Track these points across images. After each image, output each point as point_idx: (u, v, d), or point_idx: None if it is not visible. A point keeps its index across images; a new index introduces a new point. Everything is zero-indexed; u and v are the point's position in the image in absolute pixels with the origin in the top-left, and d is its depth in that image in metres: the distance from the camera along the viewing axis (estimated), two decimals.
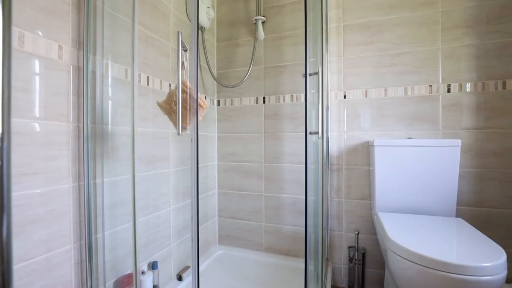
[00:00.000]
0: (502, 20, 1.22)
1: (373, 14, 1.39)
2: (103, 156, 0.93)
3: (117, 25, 0.98)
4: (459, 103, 1.27)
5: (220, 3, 1.71)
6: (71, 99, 0.82)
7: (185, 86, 0.76)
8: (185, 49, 0.76)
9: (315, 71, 1.05)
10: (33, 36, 0.72)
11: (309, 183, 1.16)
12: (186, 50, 0.77)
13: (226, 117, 1.68)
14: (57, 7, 0.78)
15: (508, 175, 1.21)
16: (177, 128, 0.72)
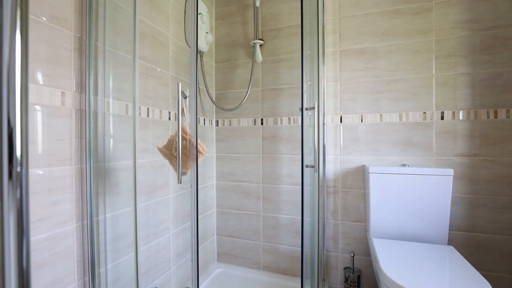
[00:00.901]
0: (494, 51, 1.25)
1: (368, 41, 1.42)
2: (105, 193, 0.95)
3: (118, 62, 1.00)
4: (452, 131, 1.30)
5: (219, 25, 1.73)
6: (74, 143, 0.85)
7: (185, 133, 0.79)
8: (184, 96, 0.79)
9: (312, 106, 1.08)
10: (37, 87, 0.74)
11: (306, 204, 1.20)
12: (186, 97, 0.79)
13: (225, 137, 1.71)
14: (60, 54, 0.81)
15: (499, 201, 1.24)
16: (178, 176, 0.75)
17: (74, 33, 0.85)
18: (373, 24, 1.41)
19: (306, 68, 1.18)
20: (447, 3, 1.31)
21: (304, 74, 1.04)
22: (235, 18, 1.69)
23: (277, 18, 1.59)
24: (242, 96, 1.66)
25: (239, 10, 1.68)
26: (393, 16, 1.38)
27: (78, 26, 0.86)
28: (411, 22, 1.35)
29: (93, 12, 0.90)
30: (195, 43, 0.71)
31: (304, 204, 0.99)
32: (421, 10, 1.34)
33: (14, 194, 0.23)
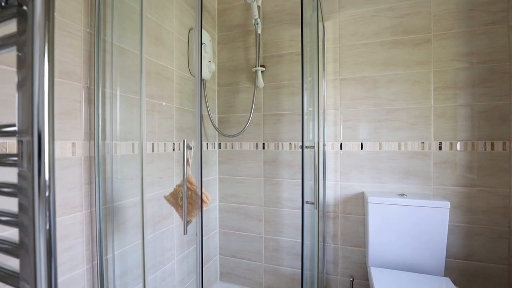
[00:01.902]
0: (491, 84, 1.27)
1: (368, 70, 1.45)
2: (113, 232, 0.99)
3: (126, 104, 1.03)
4: (450, 161, 1.33)
5: (221, 49, 1.76)
6: (83, 189, 0.89)
7: (190, 183, 0.82)
8: (189, 148, 0.83)
9: (311, 145, 1.11)
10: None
11: (306, 228, 1.23)
12: (191, 148, 0.83)
13: (228, 160, 1.74)
14: (71, 106, 0.84)
15: (495, 231, 1.27)
16: (184, 226, 0.78)
17: (83, 83, 0.89)
18: (373, 53, 1.44)
19: (306, 96, 1.21)
20: (446, 35, 1.33)
21: (305, 102, 1.08)
22: (237, 43, 1.72)
23: (278, 45, 1.62)
24: (244, 120, 1.69)
25: (241, 35, 1.71)
26: (392, 46, 1.41)
27: (87, 76, 0.90)
28: (410, 53, 1.38)
29: (101, 60, 0.94)
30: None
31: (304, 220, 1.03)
32: (420, 41, 1.36)
33: (43, 217, 0.26)
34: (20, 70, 0.28)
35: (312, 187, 1.22)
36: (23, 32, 0.29)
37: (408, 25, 1.38)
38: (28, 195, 0.27)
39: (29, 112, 0.26)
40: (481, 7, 1.28)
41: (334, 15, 1.51)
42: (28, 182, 0.27)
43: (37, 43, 0.26)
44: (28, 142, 0.26)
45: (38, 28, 0.28)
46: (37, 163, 0.27)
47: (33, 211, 0.27)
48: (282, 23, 1.61)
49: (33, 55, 0.29)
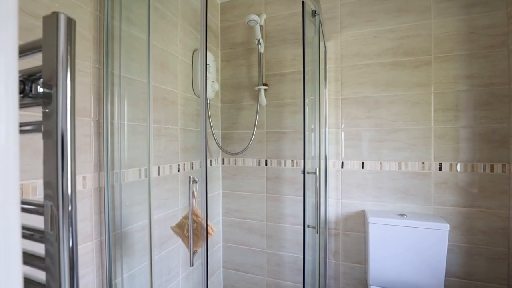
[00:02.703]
0: (491, 107, 1.29)
1: (370, 90, 1.47)
2: (122, 257, 1.03)
3: (133, 132, 1.07)
4: (450, 182, 1.35)
5: (224, 66, 1.79)
6: (94, 219, 0.92)
7: (196, 215, 0.86)
8: (195, 181, 0.86)
9: (313, 171, 1.14)
10: None
11: (307, 244, 1.26)
12: (196, 182, 0.86)
13: (231, 176, 1.78)
14: (81, 141, 0.88)
15: (494, 252, 1.29)
16: (190, 257, 0.82)
17: (93, 118, 0.92)
18: (374, 74, 1.46)
19: (307, 116, 1.23)
20: (446, 57, 1.34)
21: (306, 122, 1.11)
22: (240, 60, 1.74)
23: (281, 64, 1.64)
24: (247, 136, 1.72)
25: (244, 53, 1.73)
26: (393, 67, 1.43)
27: (96, 110, 0.94)
28: (411, 74, 1.40)
29: (109, 93, 0.97)
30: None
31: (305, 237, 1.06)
32: (420, 63, 1.38)
33: (67, 231, 0.31)
34: (45, 127, 0.32)
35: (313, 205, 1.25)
36: (48, 117, 0.33)
37: (408, 47, 1.40)
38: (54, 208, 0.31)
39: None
40: (481, 30, 1.29)
41: (336, 35, 1.53)
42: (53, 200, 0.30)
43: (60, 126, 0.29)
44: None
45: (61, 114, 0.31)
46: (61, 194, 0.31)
47: (57, 225, 0.31)
48: (285, 42, 1.63)
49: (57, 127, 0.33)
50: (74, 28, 0.40)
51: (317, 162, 1.35)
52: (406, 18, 1.40)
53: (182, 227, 0.89)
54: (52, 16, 0.36)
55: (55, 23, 0.37)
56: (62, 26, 0.37)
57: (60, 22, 0.37)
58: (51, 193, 0.33)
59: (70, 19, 0.40)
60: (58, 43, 0.37)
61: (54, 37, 0.37)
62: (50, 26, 0.37)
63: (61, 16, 0.37)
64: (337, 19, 1.53)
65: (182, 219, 0.90)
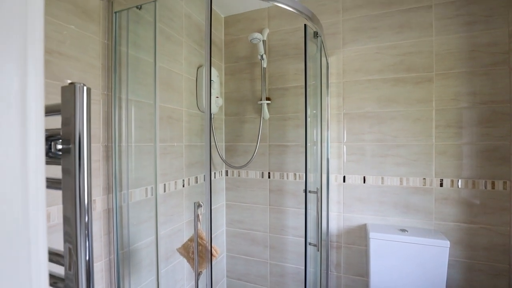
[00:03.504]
0: (492, 124, 1.30)
1: (371, 106, 1.48)
2: (130, 274, 1.07)
3: (140, 153, 1.11)
4: (451, 198, 1.36)
5: (228, 80, 1.82)
6: (103, 240, 0.96)
7: (200, 238, 0.89)
8: (200, 206, 0.89)
9: (315, 190, 1.17)
10: None
11: (309, 259, 1.29)
12: (201, 206, 0.89)
13: (235, 187, 1.81)
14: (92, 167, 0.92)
15: (495, 268, 1.30)
16: (195, 282, 0.85)
17: (102, 143, 0.96)
18: (376, 90, 1.47)
19: (309, 131, 1.26)
20: (447, 74, 1.36)
21: (308, 135, 1.13)
22: (243, 74, 1.77)
23: (284, 78, 1.67)
24: (250, 149, 1.75)
25: (247, 67, 1.76)
26: (395, 84, 1.44)
27: (105, 135, 0.97)
28: (412, 91, 1.41)
29: (117, 118, 1.01)
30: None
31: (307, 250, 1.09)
32: (422, 80, 1.40)
33: (84, 242, 0.35)
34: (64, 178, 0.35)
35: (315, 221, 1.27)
36: (67, 173, 0.37)
37: (410, 63, 1.41)
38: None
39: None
40: (482, 48, 1.30)
41: (338, 51, 1.55)
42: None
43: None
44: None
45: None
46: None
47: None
48: (287, 57, 1.66)
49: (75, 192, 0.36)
50: (89, 96, 0.43)
51: (318, 176, 1.37)
52: (408, 34, 1.42)
53: (188, 249, 0.93)
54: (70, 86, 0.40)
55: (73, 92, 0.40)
56: (79, 95, 0.41)
57: (77, 91, 0.40)
58: (70, 230, 0.37)
59: (87, 89, 0.43)
60: (75, 110, 0.41)
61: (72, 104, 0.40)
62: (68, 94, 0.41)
63: (77, 86, 0.41)
64: (339, 35, 1.54)
65: (187, 242, 0.94)
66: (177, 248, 0.94)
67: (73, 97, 0.40)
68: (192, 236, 0.91)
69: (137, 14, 1.05)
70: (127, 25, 1.05)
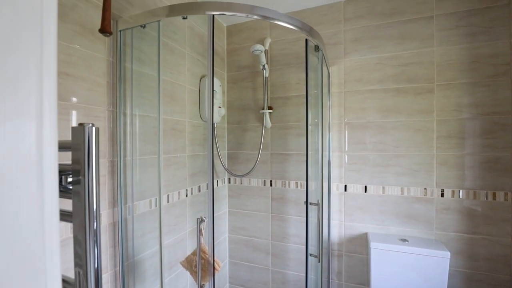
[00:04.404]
0: (494, 136, 1.30)
1: (373, 116, 1.49)
2: (134, 284, 1.10)
3: (144, 166, 1.13)
4: (452, 208, 1.37)
5: (230, 88, 1.84)
6: (108, 252, 0.99)
7: (203, 252, 0.91)
8: (203, 220, 0.91)
9: (316, 202, 1.18)
10: None
11: (310, 265, 1.31)
12: (204, 221, 0.92)
13: (237, 195, 1.83)
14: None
15: (496, 279, 1.31)
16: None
17: (107, 158, 0.98)
18: (377, 100, 1.48)
19: (311, 137, 1.27)
20: (448, 85, 1.36)
21: (310, 144, 1.15)
22: (245, 83, 1.79)
23: (286, 87, 1.68)
24: (252, 157, 1.77)
25: (249, 76, 1.78)
26: (396, 94, 1.45)
27: (111, 151, 1.00)
28: (414, 101, 1.42)
29: (122, 133, 1.03)
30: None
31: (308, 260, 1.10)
32: (423, 90, 1.40)
33: (93, 248, 0.38)
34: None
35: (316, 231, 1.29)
36: (77, 208, 0.40)
37: (411, 74, 1.42)
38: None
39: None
40: (483, 59, 1.31)
41: (340, 61, 1.56)
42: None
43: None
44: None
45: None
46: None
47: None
48: (289, 66, 1.67)
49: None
50: (97, 135, 0.46)
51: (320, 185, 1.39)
52: (409, 45, 1.42)
53: (191, 263, 0.95)
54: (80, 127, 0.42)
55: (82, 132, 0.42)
56: (88, 135, 0.43)
57: (86, 132, 0.43)
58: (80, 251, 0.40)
59: (96, 128, 0.45)
60: (84, 148, 0.43)
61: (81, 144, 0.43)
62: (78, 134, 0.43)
63: (86, 127, 0.43)
64: (340, 45, 1.55)
65: (190, 255, 0.96)
66: (180, 262, 0.97)
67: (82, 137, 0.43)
68: (195, 250, 0.94)
69: (142, 31, 1.07)
70: (131, 42, 1.07)
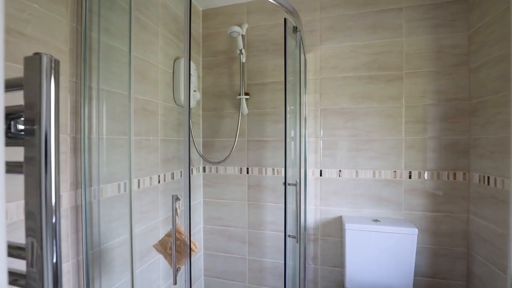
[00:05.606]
0: (455, 120, 1.40)
1: (347, 102, 1.54)
2: (100, 275, 1.00)
3: (112, 146, 1.04)
4: (419, 189, 1.45)
5: (206, 74, 1.78)
6: (70, 239, 0.89)
7: (179, 232, 0.86)
8: (178, 199, 0.86)
9: (294, 183, 1.18)
10: None
11: (288, 252, 1.30)
12: (179, 199, 0.86)
13: (212, 184, 1.78)
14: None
15: (456, 252, 1.41)
16: (174, 277, 0.82)
17: (69, 134, 0.89)
18: (351, 87, 1.53)
19: (289, 125, 1.26)
20: (416, 73, 1.44)
21: (288, 132, 1.14)
22: (221, 69, 1.74)
23: (262, 74, 1.67)
24: (228, 145, 1.73)
25: (226, 62, 1.73)
26: (369, 81, 1.50)
27: (73, 125, 0.90)
28: (385, 88, 1.48)
29: (87, 107, 0.94)
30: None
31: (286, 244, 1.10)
32: (393, 78, 1.47)
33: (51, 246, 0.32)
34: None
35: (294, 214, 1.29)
36: (30, 161, 0.34)
37: (382, 62, 1.48)
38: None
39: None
40: (446, 49, 1.40)
41: (316, 48, 1.58)
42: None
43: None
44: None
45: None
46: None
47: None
48: (266, 53, 1.66)
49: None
50: (58, 70, 0.39)
51: (297, 171, 1.39)
52: (381, 34, 1.49)
53: (165, 245, 0.89)
54: (35, 57, 0.36)
55: (38, 64, 0.36)
56: (45, 68, 0.37)
57: (43, 64, 0.36)
58: (34, 225, 0.34)
59: (55, 60, 0.39)
60: (41, 84, 0.37)
61: (37, 78, 0.37)
62: (32, 66, 0.37)
63: (44, 57, 0.37)
64: (316, 32, 1.58)
65: (164, 237, 0.90)
66: (153, 245, 0.90)
67: (39, 70, 0.36)
68: (170, 231, 0.88)
69: (110, 0, 0.98)
70: (98, 10, 0.98)
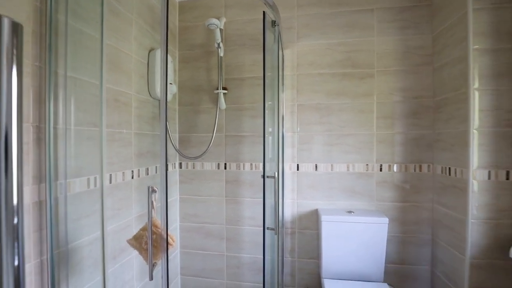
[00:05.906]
0: (420, 116, 1.50)
1: (322, 98, 1.58)
2: (67, 276, 0.93)
3: (80, 137, 0.97)
4: (389, 181, 1.54)
5: (182, 68, 1.73)
6: (32, 237, 0.82)
7: (155, 226, 0.82)
8: (154, 191, 0.82)
9: (273, 175, 1.19)
10: None
11: (267, 245, 1.31)
12: (156, 191, 0.83)
13: (189, 180, 1.73)
14: None
15: (422, 239, 1.52)
16: (150, 273, 0.78)
17: (32, 123, 0.81)
18: (326, 83, 1.58)
19: (267, 119, 1.27)
20: (386, 72, 1.53)
21: (266, 126, 1.14)
22: (199, 63, 1.71)
23: (240, 68, 1.66)
24: (205, 140, 1.70)
25: (203, 56, 1.70)
26: (343, 78, 1.56)
27: (36, 114, 0.83)
28: (357, 85, 1.55)
29: (52, 95, 0.87)
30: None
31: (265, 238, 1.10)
32: (365, 75, 1.54)
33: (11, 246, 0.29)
34: None
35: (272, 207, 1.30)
36: None
37: (355, 60, 1.55)
38: None
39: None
40: (413, 50, 1.50)
41: (293, 44, 1.61)
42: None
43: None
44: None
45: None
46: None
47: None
48: (244, 47, 1.65)
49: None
50: (21, 34, 0.36)
51: (275, 165, 1.41)
52: (354, 33, 1.55)
53: (140, 240, 0.85)
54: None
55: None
56: (6, 32, 0.34)
57: (4, 27, 0.34)
58: None
59: (16, 24, 0.36)
60: (1, 49, 0.34)
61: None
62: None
63: (5, 20, 0.34)
64: (294, 29, 1.61)
65: (139, 231, 0.86)
66: (127, 240, 0.85)
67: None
68: (145, 225, 0.84)
69: None
70: None
